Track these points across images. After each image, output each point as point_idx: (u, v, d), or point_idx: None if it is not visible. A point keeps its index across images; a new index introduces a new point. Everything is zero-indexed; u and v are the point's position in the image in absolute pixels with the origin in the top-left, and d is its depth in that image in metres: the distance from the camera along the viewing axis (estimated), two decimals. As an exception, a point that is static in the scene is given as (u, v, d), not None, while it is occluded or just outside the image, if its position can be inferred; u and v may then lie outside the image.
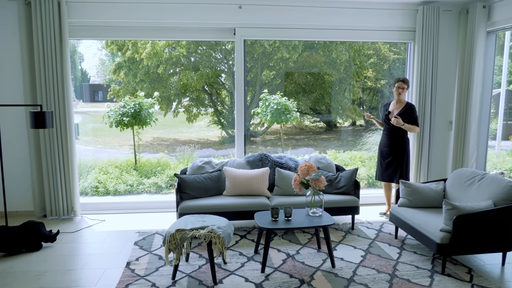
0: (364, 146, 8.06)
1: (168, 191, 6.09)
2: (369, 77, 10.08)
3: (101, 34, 4.83)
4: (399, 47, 10.66)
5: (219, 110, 8.73)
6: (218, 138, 8.68)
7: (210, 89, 8.56)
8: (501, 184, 3.47)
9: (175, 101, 8.38)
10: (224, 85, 8.73)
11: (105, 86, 7.77)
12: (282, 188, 4.53)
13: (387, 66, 10.08)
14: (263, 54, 8.59)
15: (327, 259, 3.68)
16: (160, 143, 8.19)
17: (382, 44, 10.28)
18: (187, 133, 8.66)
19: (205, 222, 3.38)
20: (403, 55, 10.27)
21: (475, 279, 3.28)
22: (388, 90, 10.69)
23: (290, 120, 7.06)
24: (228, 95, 8.70)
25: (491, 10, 4.68)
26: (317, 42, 9.07)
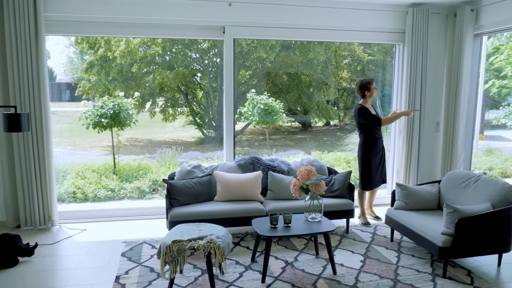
0: (348, 146, 8.07)
1: (152, 196, 5.82)
2: (344, 77, 10.16)
3: (81, 30, 4.52)
4: (372, 49, 10.81)
5: (195, 110, 8.53)
6: (194, 138, 8.48)
7: (185, 88, 8.34)
8: (498, 186, 3.48)
9: (149, 101, 8.13)
10: (200, 84, 8.54)
11: (74, 85, 7.41)
12: (275, 192, 4.40)
13: (361, 67, 10.19)
14: (239, 54, 8.48)
15: (327, 265, 3.58)
16: (134, 144, 7.90)
17: (357, 46, 10.38)
18: (161, 133, 8.42)
19: (202, 232, 3.19)
20: (377, 57, 10.43)
21: (475, 281, 3.27)
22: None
23: (277, 121, 6.95)
24: (205, 95, 8.51)
25: (479, 14, 4.74)
26: (294, 42, 9.04)
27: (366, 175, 4.65)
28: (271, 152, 7.97)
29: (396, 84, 5.38)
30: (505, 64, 9.05)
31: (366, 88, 4.57)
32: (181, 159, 7.29)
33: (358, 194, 4.75)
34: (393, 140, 5.44)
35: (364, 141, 4.63)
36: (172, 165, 6.86)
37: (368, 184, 4.67)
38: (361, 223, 4.69)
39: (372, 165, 4.62)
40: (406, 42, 5.04)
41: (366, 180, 4.66)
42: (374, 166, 4.64)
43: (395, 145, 5.37)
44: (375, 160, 4.64)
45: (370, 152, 4.61)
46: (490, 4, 4.59)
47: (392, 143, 5.45)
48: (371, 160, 4.61)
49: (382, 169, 4.72)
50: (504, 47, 8.85)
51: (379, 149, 4.66)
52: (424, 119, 5.16)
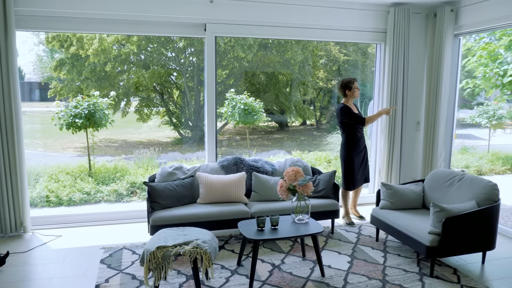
0: (328, 146, 8.08)
1: (130, 199, 5.62)
2: (320, 77, 10.22)
3: (54, 25, 4.28)
4: (348, 49, 10.91)
5: (171, 110, 8.36)
6: (170, 139, 8.31)
7: (161, 88, 8.16)
8: (482, 185, 3.52)
9: (123, 101, 7.91)
10: (176, 84, 8.38)
11: (43, 84, 7.10)
12: (260, 194, 4.31)
13: (336, 67, 10.27)
14: (216, 53, 8.34)
15: (314, 267, 3.52)
16: (108, 145, 7.65)
17: (333, 46, 10.45)
18: (136, 134, 8.21)
19: (187, 236, 3.07)
20: (353, 57, 10.55)
21: (462, 279, 3.29)
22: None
23: (257, 121, 6.87)
24: (181, 94, 8.35)
25: (458, 14, 4.81)
26: (271, 42, 9.00)
27: (349, 175, 4.64)
28: (252, 152, 7.88)
29: (377, 83, 5.40)
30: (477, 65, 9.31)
31: (347, 87, 4.55)
32: (160, 160, 7.10)
33: (342, 194, 4.72)
34: (375, 139, 5.45)
35: (346, 141, 4.61)
36: (150, 167, 6.66)
37: (351, 184, 4.66)
38: (346, 223, 4.67)
39: (355, 164, 4.61)
40: (387, 41, 5.06)
41: (349, 180, 4.65)
42: (357, 165, 4.63)
43: (377, 144, 5.39)
44: (358, 160, 4.62)
45: (352, 151, 4.59)
46: (469, 4, 4.66)
47: (374, 142, 5.47)
48: (354, 160, 4.60)
49: (365, 168, 4.72)
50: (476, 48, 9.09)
51: (361, 149, 4.65)
52: (406, 118, 5.19)
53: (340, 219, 4.77)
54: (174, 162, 6.76)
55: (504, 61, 8.90)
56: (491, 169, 7.87)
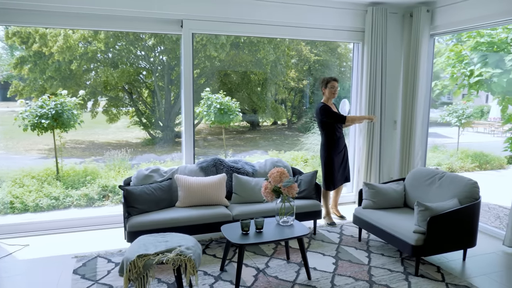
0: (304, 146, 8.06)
1: (102, 203, 5.34)
2: (292, 77, 10.25)
3: (15, 19, 3.97)
4: (318, 49, 10.99)
5: (141, 110, 8.10)
6: (140, 139, 8.05)
7: (130, 87, 7.89)
8: (463, 183, 3.56)
9: (90, 101, 7.59)
10: (146, 83, 8.13)
11: (3, 83, 6.70)
12: (241, 196, 4.18)
13: (307, 67, 10.34)
14: (193, 51, 8.18)
15: (300, 270, 3.44)
16: (74, 146, 7.31)
17: (304, 45, 10.50)
18: (104, 134, 7.91)
19: (169, 243, 2.90)
20: (323, 57, 10.64)
21: (446, 277, 3.31)
22: (310, 90, 10.96)
23: (233, 120, 6.73)
24: (151, 94, 8.11)
25: (434, 15, 4.88)
26: (243, 41, 8.92)
27: (329, 175, 4.60)
28: (228, 152, 7.75)
29: (355, 83, 5.41)
30: (445, 66, 9.59)
31: (323, 85, 4.55)
32: (132, 162, 6.84)
33: (322, 194, 4.68)
34: (353, 138, 5.46)
35: (326, 141, 4.57)
36: (122, 169, 6.39)
37: (332, 184, 4.63)
38: (327, 223, 4.63)
39: (335, 164, 4.58)
40: (365, 41, 5.07)
41: (329, 180, 4.61)
42: (337, 165, 4.60)
43: (355, 143, 5.39)
44: (338, 160, 4.60)
45: (332, 151, 4.56)
46: (445, 5, 4.73)
47: (353, 141, 5.47)
48: (334, 160, 4.57)
49: (345, 168, 4.70)
50: (444, 49, 9.36)
51: (341, 148, 4.62)
52: (384, 117, 5.22)
53: (321, 219, 4.72)
54: (151, 164, 6.54)
55: (470, 62, 9.22)
56: (461, 167, 8.12)
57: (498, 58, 8.66)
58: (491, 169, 8.14)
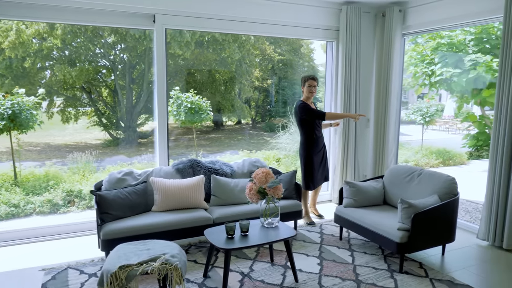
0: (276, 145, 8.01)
1: (68, 210, 4.99)
2: (256, 76, 10.22)
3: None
4: (281, 48, 11.03)
5: (101, 110, 7.74)
6: (100, 141, 7.69)
7: (88, 86, 7.51)
8: (442, 179, 3.63)
9: (45, 100, 7.15)
10: (106, 82, 7.78)
11: None
12: (220, 198, 4.04)
13: (271, 66, 10.34)
14: (149, 50, 7.98)
15: (285, 272, 3.36)
16: (29, 149, 6.84)
17: (268, 45, 10.49)
18: (60, 136, 7.48)
19: (152, 251, 2.72)
20: (287, 56, 10.69)
21: (429, 273, 3.35)
22: (275, 89, 10.97)
23: (204, 120, 6.55)
24: (111, 93, 7.77)
25: (406, 15, 4.97)
26: (207, 39, 8.77)
27: (309, 174, 4.56)
28: (199, 153, 7.55)
29: (329, 82, 5.41)
30: (407, 65, 9.92)
31: (302, 83, 4.51)
32: (97, 165, 6.49)
33: (302, 194, 4.63)
34: (328, 137, 5.45)
35: (305, 140, 4.53)
36: (87, 172, 6.04)
37: (311, 184, 4.59)
38: (306, 223, 4.59)
39: (314, 164, 4.54)
40: (340, 39, 5.08)
41: (309, 179, 4.57)
42: (316, 165, 4.57)
43: (330, 142, 5.39)
44: (317, 159, 4.57)
45: (311, 151, 4.52)
46: (416, 6, 4.83)
47: (328, 140, 5.46)
48: (313, 159, 4.53)
49: (324, 168, 4.68)
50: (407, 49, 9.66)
51: (320, 147, 4.60)
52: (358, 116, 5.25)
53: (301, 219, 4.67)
54: (118, 167, 6.21)
55: (431, 62, 9.59)
56: (426, 163, 8.41)
57: (457, 59, 9.07)
58: (454, 165, 8.51)
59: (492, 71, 8.33)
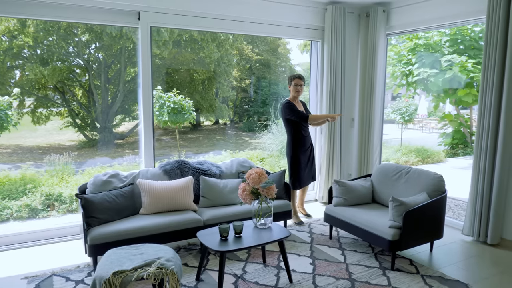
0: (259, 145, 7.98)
1: (48, 214, 4.79)
2: (234, 76, 10.19)
3: None
4: (259, 48, 11.04)
5: (75, 110, 7.51)
6: (74, 142, 7.46)
7: (62, 86, 7.28)
8: (430, 177, 3.69)
9: (16, 100, 6.88)
10: (80, 82, 7.56)
11: None
12: (209, 199, 3.97)
13: (248, 66, 10.34)
14: (125, 49, 7.84)
15: (279, 273, 3.33)
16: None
17: (245, 45, 10.47)
18: (31, 138, 7.21)
19: (145, 255, 2.64)
20: (265, 56, 10.71)
21: (420, 269, 3.40)
22: (253, 90, 10.96)
23: (187, 120, 6.45)
24: (85, 93, 7.56)
25: (389, 15, 5.04)
26: (184, 39, 8.68)
27: (295, 174, 4.55)
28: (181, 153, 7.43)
29: (314, 81, 5.42)
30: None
31: (288, 82, 4.50)
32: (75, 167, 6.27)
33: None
34: (315, 137, 5.47)
35: (292, 139, 4.52)
36: (66, 175, 5.82)
37: (298, 183, 4.58)
38: (295, 222, 4.58)
39: (301, 163, 4.54)
40: (325, 39, 5.10)
41: (296, 179, 4.56)
42: (303, 164, 4.56)
43: (317, 142, 5.40)
44: (304, 158, 4.56)
45: (298, 150, 4.51)
46: (399, 6, 4.91)
47: (314, 140, 5.48)
48: (300, 158, 4.52)
49: (311, 167, 4.68)
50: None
51: (307, 147, 4.59)
52: (343, 115, 5.30)
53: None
54: (100, 169, 6.02)
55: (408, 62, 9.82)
56: (406, 161, 8.59)
57: (433, 59, 9.33)
58: (432, 163, 8.73)
59: (467, 71, 8.62)
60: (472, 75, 8.60)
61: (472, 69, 8.51)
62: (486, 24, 3.79)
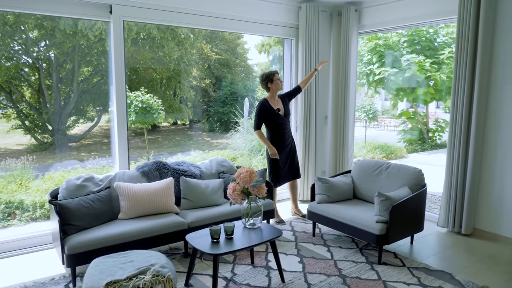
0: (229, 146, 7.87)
1: (8, 224, 4.39)
2: (193, 76, 10.06)
3: None
4: (219, 48, 10.97)
5: (24, 112, 7.05)
6: (23, 146, 7.00)
7: (8, 86, 6.81)
8: (410, 171, 3.80)
9: None
10: (29, 82, 7.11)
11: None
12: (191, 201, 3.83)
13: (207, 66, 10.25)
14: (79, 47, 7.48)
15: (269, 274, 3.27)
16: None
17: (204, 44, 10.35)
18: None
19: (136, 263, 2.47)
20: (224, 56, 10.65)
21: (405, 262, 3.48)
22: (212, 89, 10.86)
23: (156, 120, 6.21)
24: (35, 94, 7.11)
25: (361, 15, 5.15)
26: (142, 37, 8.42)
27: (274, 171, 4.51)
28: (150, 155, 7.16)
29: (288, 79, 5.42)
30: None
31: (268, 79, 4.43)
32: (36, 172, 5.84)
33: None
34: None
35: (270, 136, 4.49)
36: (25, 180, 5.40)
37: (276, 180, 4.54)
38: (275, 221, 4.53)
39: (279, 160, 4.50)
40: (300, 37, 5.11)
41: (274, 176, 4.53)
42: (282, 161, 4.53)
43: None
44: (283, 155, 4.53)
45: (276, 147, 4.47)
46: (371, 6, 5.02)
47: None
48: (278, 156, 4.49)
49: (292, 164, 4.63)
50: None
51: (286, 144, 4.55)
52: (317, 113, 5.32)
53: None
54: (83, 173, 5.64)
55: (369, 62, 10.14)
56: (372, 157, 8.85)
57: (393, 59, 9.70)
58: (396, 158, 9.07)
59: (425, 70, 9.04)
60: (429, 74, 9.03)
61: (430, 68, 8.94)
62: (457, 23, 3.96)
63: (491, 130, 3.95)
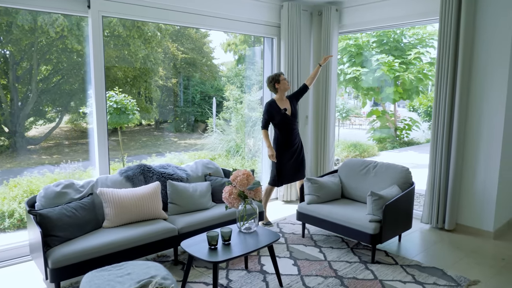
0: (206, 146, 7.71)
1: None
2: (160, 75, 9.85)
3: None
4: (185, 47, 10.80)
5: None
6: None
7: None
8: (398, 170, 3.85)
9: None
10: None
11: None
12: (179, 205, 3.67)
13: (173, 65, 10.08)
14: (39, 45, 7.15)
15: (266, 278, 3.19)
16: None
17: (170, 43, 10.15)
18: None
19: (134, 275, 2.32)
20: (190, 55, 10.50)
21: (397, 260, 3.52)
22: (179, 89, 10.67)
23: (131, 120, 5.95)
24: None
25: (341, 14, 5.17)
26: (106, 35, 8.13)
27: (275, 170, 4.42)
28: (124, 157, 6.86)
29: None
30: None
31: (275, 80, 4.35)
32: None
33: (265, 191, 4.48)
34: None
35: (276, 136, 4.42)
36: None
37: (279, 180, 4.44)
38: (263, 223, 4.45)
39: (282, 160, 4.39)
40: (282, 36, 5.06)
41: (277, 175, 4.41)
42: (285, 161, 4.38)
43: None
44: (288, 155, 4.39)
45: (281, 146, 4.38)
46: (350, 6, 5.06)
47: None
48: (282, 155, 4.39)
49: (297, 165, 4.47)
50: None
51: (293, 144, 4.42)
52: (299, 113, 5.29)
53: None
54: (63, 179, 5.28)
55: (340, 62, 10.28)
56: (346, 156, 8.98)
57: (363, 59, 9.91)
58: (368, 156, 9.26)
59: (394, 70, 9.30)
60: (398, 74, 9.30)
61: (398, 68, 9.21)
62: (439, 23, 4.05)
63: (472, 128, 4.08)
